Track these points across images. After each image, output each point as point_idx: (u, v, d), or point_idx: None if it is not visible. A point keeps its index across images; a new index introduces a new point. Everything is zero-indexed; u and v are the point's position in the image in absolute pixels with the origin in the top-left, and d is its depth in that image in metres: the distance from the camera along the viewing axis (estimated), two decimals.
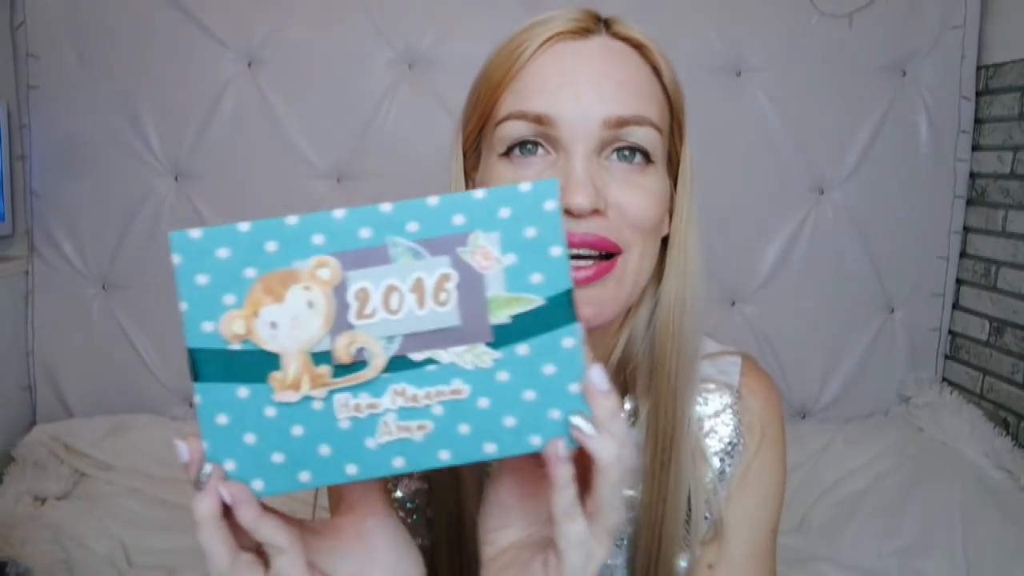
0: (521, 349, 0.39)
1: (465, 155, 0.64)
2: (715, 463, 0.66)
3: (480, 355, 0.39)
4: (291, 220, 0.38)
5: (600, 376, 0.40)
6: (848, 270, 1.80)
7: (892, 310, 1.84)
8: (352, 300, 0.38)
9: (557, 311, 0.39)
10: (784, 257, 1.79)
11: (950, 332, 1.86)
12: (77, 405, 1.72)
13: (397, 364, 0.39)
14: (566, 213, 0.54)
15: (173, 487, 1.50)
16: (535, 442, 0.40)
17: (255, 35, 1.67)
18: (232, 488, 0.39)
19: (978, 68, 1.75)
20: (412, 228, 0.38)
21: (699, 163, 0.64)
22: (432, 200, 0.39)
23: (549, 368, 0.39)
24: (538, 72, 0.57)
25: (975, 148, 1.78)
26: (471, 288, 0.39)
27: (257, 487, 0.39)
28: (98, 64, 1.65)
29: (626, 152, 0.58)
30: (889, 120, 1.76)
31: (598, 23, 0.59)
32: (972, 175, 1.79)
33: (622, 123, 0.56)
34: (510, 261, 0.39)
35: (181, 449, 0.39)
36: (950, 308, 1.85)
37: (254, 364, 0.38)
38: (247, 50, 1.68)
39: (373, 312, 0.38)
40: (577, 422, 0.39)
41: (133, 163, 1.68)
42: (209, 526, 0.39)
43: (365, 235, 0.38)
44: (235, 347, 0.38)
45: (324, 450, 0.39)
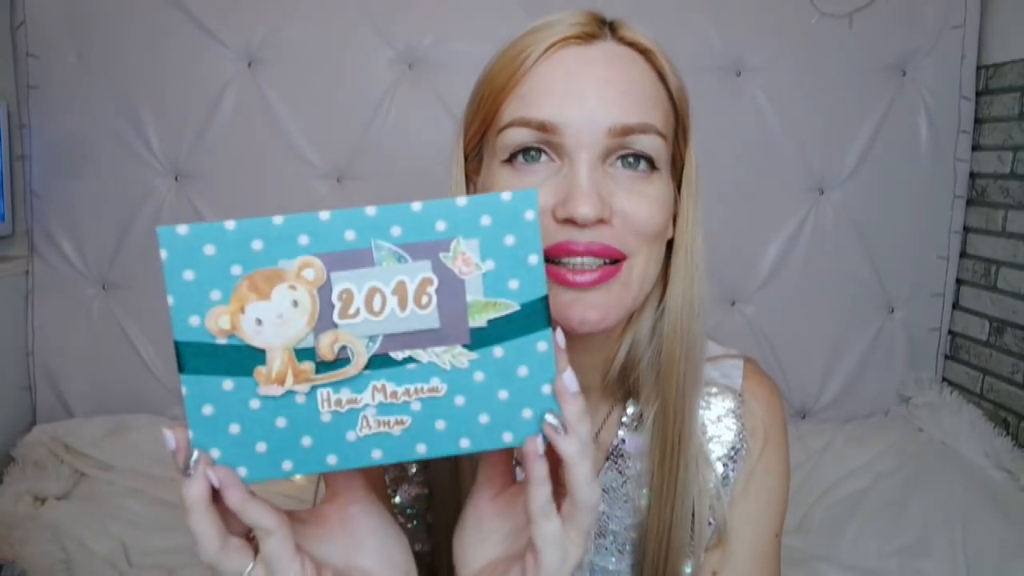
0: (497, 351, 0.41)
1: (467, 158, 0.63)
2: (719, 468, 0.66)
3: (457, 356, 0.41)
4: (277, 220, 0.39)
5: (572, 379, 0.42)
6: (848, 270, 1.80)
7: (892, 310, 1.84)
8: (336, 300, 0.40)
9: (532, 316, 0.41)
10: (784, 257, 1.79)
11: (950, 332, 1.86)
12: (77, 405, 1.72)
13: (378, 362, 0.41)
14: (571, 222, 0.54)
15: (173, 487, 1.49)
16: (507, 439, 0.42)
17: (255, 35, 1.67)
18: (219, 472, 0.40)
19: (978, 68, 1.75)
20: (396, 232, 0.40)
21: (699, 164, 0.63)
22: (416, 206, 0.40)
23: (523, 370, 0.42)
24: (542, 78, 0.57)
25: (975, 148, 1.78)
26: (451, 292, 0.40)
27: (241, 474, 0.41)
28: (98, 64, 1.65)
29: (631, 159, 0.57)
30: (889, 120, 1.75)
31: (603, 27, 0.59)
32: (972, 175, 1.79)
33: (627, 131, 0.56)
34: (489, 267, 0.41)
35: (168, 437, 0.40)
36: (950, 308, 1.85)
37: (239, 358, 0.40)
38: (247, 50, 1.68)
39: (356, 312, 0.40)
40: (550, 420, 0.42)
41: (133, 163, 1.68)
42: (199, 510, 0.40)
43: (350, 237, 0.39)
44: (221, 341, 0.39)
45: (306, 441, 0.41)
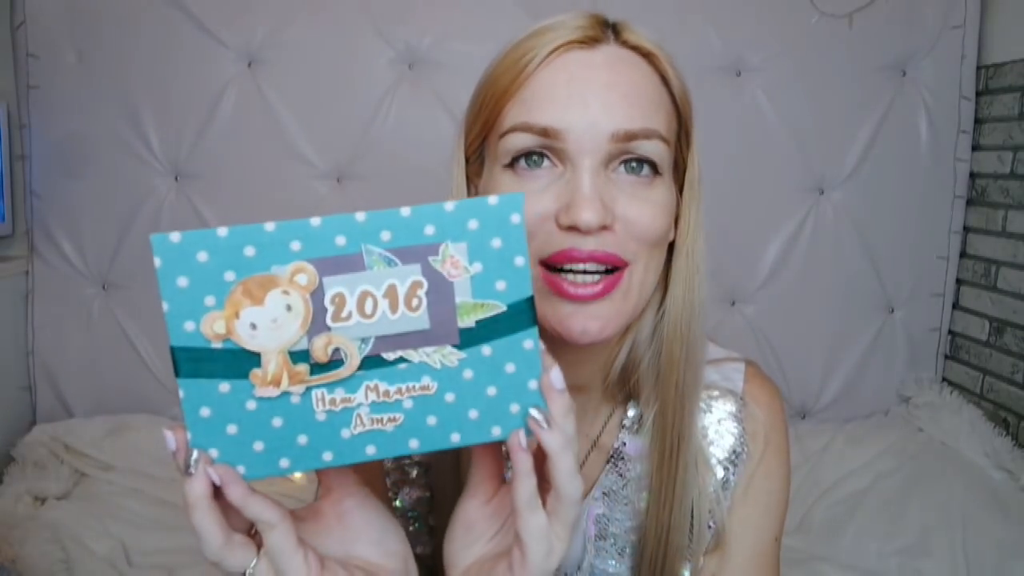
0: (485, 350, 0.43)
1: (468, 160, 0.63)
2: (719, 471, 0.66)
3: (447, 355, 0.42)
4: (269, 226, 0.40)
5: (558, 376, 0.43)
6: (848, 270, 1.80)
7: (892, 310, 1.84)
8: (329, 304, 0.41)
9: (519, 316, 0.43)
10: (784, 257, 1.79)
11: (950, 332, 1.86)
12: (77, 405, 1.72)
13: (370, 363, 0.42)
14: (574, 229, 0.54)
15: (173, 487, 1.50)
16: (496, 432, 0.44)
17: (255, 35, 1.67)
18: (220, 470, 0.41)
19: (978, 68, 1.75)
20: (385, 237, 0.41)
21: (702, 167, 0.63)
22: (405, 211, 0.41)
23: (510, 367, 0.43)
24: (545, 83, 0.56)
25: (975, 148, 1.78)
26: (441, 295, 0.41)
27: (240, 472, 0.42)
28: (98, 64, 1.65)
29: (634, 164, 0.57)
30: (889, 120, 1.75)
31: (606, 30, 0.58)
32: (972, 175, 1.79)
33: (630, 136, 0.55)
34: (477, 270, 0.42)
35: (168, 438, 0.41)
36: (950, 308, 1.85)
37: (235, 362, 0.41)
38: (247, 50, 1.68)
39: (349, 316, 0.41)
40: (534, 414, 0.43)
41: (133, 163, 1.68)
42: (202, 507, 0.41)
43: (340, 243, 0.40)
44: (216, 346, 0.40)
45: (302, 439, 0.42)
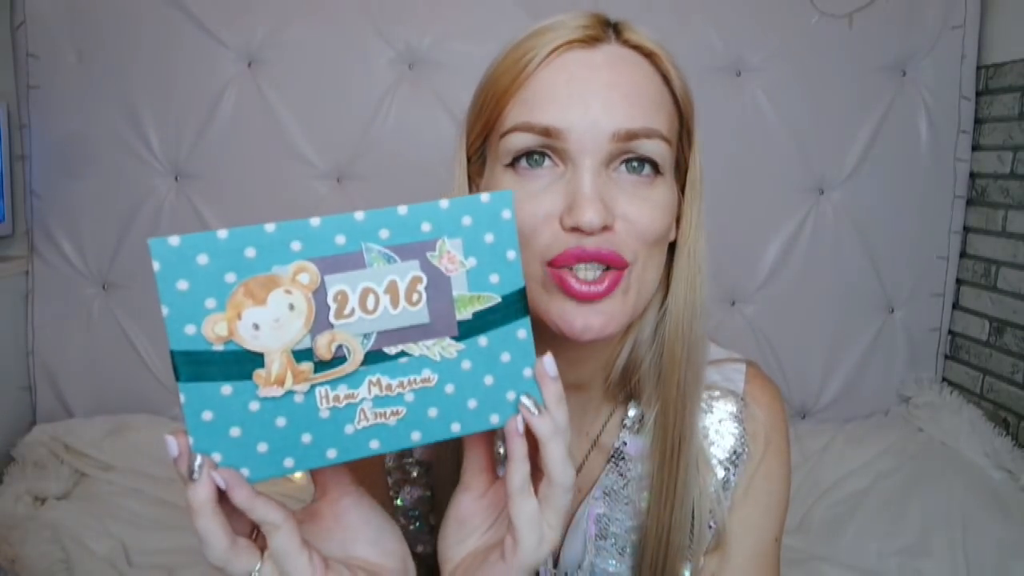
0: (482, 340, 0.44)
1: (469, 160, 0.63)
2: (720, 472, 0.66)
3: (446, 347, 0.44)
4: (269, 227, 0.40)
5: (551, 363, 0.45)
6: (848, 270, 1.80)
7: (892, 310, 1.84)
8: (332, 302, 0.41)
9: (512, 307, 0.44)
10: (784, 257, 1.79)
11: (950, 332, 1.86)
12: (77, 405, 1.72)
13: (373, 358, 0.43)
14: (576, 230, 0.54)
15: (173, 487, 1.50)
16: (494, 420, 0.45)
17: (255, 35, 1.67)
18: (224, 474, 0.41)
19: (978, 68, 1.75)
20: (384, 235, 0.42)
21: (703, 167, 0.63)
22: (402, 209, 0.42)
23: (505, 356, 0.45)
24: (546, 83, 0.56)
25: (975, 148, 1.78)
26: (439, 289, 0.43)
27: (244, 474, 0.42)
28: (98, 64, 1.65)
29: (635, 164, 0.57)
30: (889, 120, 1.75)
31: (607, 29, 0.58)
32: (972, 175, 1.79)
33: (631, 136, 0.55)
34: (472, 264, 0.43)
35: (171, 443, 0.41)
36: (950, 308, 1.85)
37: (237, 363, 0.41)
38: (247, 50, 1.68)
39: (351, 312, 0.42)
40: (525, 401, 0.45)
41: (133, 163, 1.68)
42: (206, 512, 0.41)
43: (340, 241, 0.41)
44: (218, 348, 0.40)
45: (306, 438, 0.42)
